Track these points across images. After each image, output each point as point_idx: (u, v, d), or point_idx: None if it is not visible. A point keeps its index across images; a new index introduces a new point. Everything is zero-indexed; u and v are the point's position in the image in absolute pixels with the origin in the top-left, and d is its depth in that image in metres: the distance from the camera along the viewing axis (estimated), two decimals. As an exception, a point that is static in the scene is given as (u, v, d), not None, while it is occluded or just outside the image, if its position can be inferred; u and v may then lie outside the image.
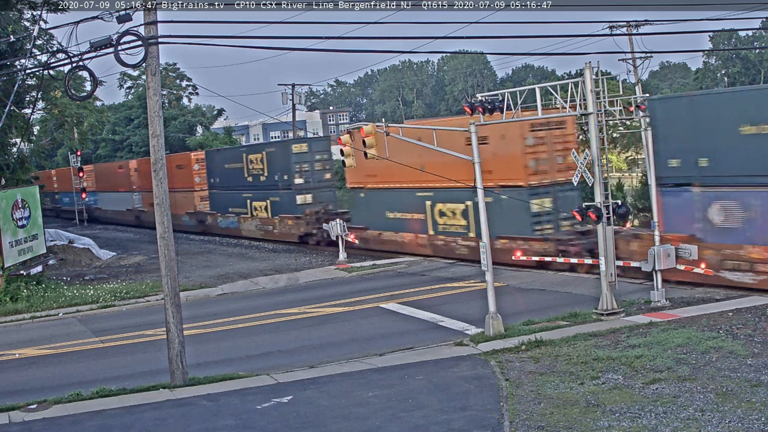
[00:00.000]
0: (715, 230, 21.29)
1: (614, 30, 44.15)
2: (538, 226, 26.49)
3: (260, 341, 20.71)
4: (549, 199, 26.51)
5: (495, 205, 25.87)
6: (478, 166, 19.42)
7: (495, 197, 26.24)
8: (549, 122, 25.71)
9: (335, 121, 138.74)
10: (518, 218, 26.73)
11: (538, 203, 26.08)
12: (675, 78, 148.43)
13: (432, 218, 30.74)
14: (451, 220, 29.88)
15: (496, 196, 26.34)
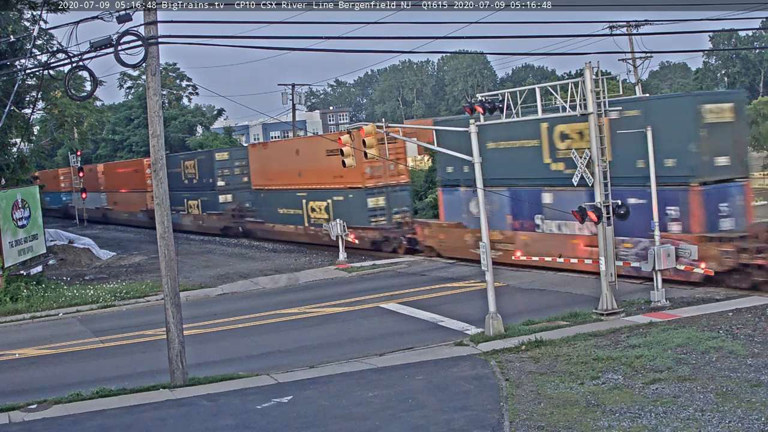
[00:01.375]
0: (473, 219, 27.68)
1: (614, 30, 44.16)
2: (374, 218, 33.54)
3: (260, 341, 20.71)
4: (383, 198, 33.57)
5: (344, 202, 34.26)
6: (478, 166, 19.43)
7: (344, 195, 34.26)
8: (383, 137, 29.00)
9: (335, 121, 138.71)
10: (359, 212, 33.68)
11: (374, 201, 33.36)
12: (675, 78, 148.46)
13: (306, 213, 37.60)
14: (318, 214, 36.76)
15: (345, 194, 34.18)
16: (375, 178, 33.12)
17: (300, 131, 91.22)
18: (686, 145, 21.98)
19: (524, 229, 27.09)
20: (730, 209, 22.21)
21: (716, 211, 22.10)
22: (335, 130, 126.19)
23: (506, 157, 27.23)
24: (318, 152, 35.48)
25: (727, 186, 22.42)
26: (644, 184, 21.34)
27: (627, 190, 21.89)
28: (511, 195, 26.93)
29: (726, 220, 22.14)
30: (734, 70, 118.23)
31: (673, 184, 22.13)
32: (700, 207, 22.03)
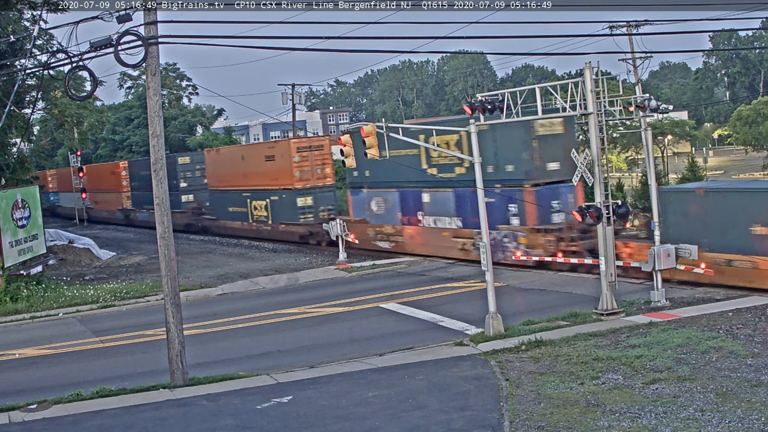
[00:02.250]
0: (374, 215, 33.64)
1: (614, 30, 44.13)
2: (302, 215, 37.85)
3: (260, 341, 20.71)
4: (311, 198, 37.83)
5: (279, 201, 38.89)
6: (478, 166, 19.42)
7: (279, 195, 38.82)
8: (310, 145, 38.47)
9: (335, 121, 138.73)
10: (291, 210, 38.13)
11: (302, 200, 37.82)
12: (675, 78, 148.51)
13: (250, 211, 41.68)
14: (259, 212, 40.85)
15: (280, 194, 38.69)
16: (304, 180, 37.62)
17: (300, 131, 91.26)
18: (521, 154, 26.30)
19: (410, 224, 31.79)
20: (561, 206, 26.53)
21: (548, 208, 26.38)
22: (335, 130, 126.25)
23: (439, 159, 30.29)
24: (259, 158, 40.70)
25: (558, 186, 26.54)
26: (493, 185, 26.21)
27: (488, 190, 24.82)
28: (400, 195, 32.19)
29: (557, 215, 26.47)
30: (734, 70, 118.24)
31: (512, 185, 26.70)
32: (533, 204, 26.28)
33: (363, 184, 34.40)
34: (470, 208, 27.53)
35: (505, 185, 26.81)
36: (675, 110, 68.69)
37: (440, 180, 29.36)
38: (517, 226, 26.88)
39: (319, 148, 38.24)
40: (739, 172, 75.18)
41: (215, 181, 45.25)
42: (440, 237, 29.92)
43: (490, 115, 20.88)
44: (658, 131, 54.66)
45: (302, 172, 37.38)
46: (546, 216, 26.29)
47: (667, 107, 22.26)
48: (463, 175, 28.04)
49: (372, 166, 32.06)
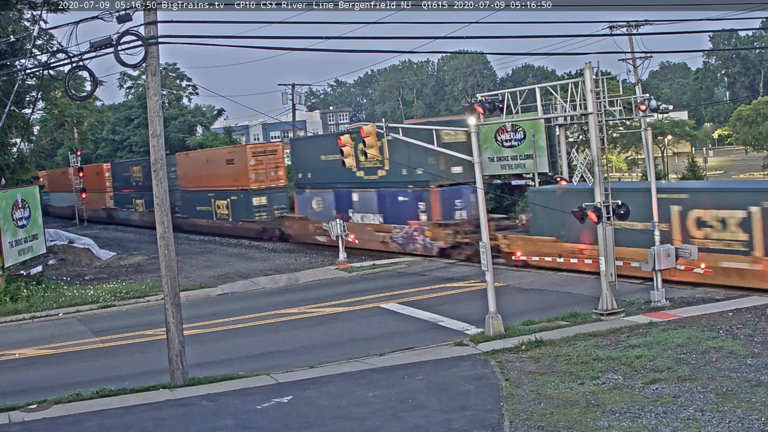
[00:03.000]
0: (314, 213, 37.74)
1: (614, 30, 44.13)
2: (258, 213, 41.57)
3: (260, 341, 20.71)
4: (265, 197, 41.38)
5: (238, 201, 42.76)
6: (478, 167, 19.44)
7: (237, 195, 42.65)
8: (265, 150, 42.43)
9: (335, 121, 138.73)
10: (247, 209, 41.85)
11: (257, 200, 41.52)
12: (675, 78, 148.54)
13: (214, 209, 45.57)
14: (222, 210, 44.81)
15: (238, 194, 42.53)
16: (259, 182, 41.15)
17: (300, 131, 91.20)
18: (428, 159, 29.76)
19: (344, 221, 34.47)
20: (462, 204, 30.78)
21: (452, 206, 30.68)
22: (335, 130, 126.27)
23: (331, 166, 34.38)
24: (221, 161, 44.42)
25: (461, 188, 30.70)
26: (406, 186, 31.27)
27: (398, 191, 31.95)
28: (335, 195, 36.05)
29: (459, 212, 30.70)
30: (734, 70, 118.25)
31: (422, 186, 30.97)
32: (438, 202, 30.59)
33: (306, 185, 38.45)
34: (388, 206, 32.91)
35: (416, 186, 31.20)
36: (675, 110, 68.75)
37: (366, 181, 33.62)
38: (425, 221, 31.12)
39: (273, 152, 42.27)
40: (739, 172, 75.17)
41: (185, 183, 48.65)
42: (366, 231, 33.86)
43: (490, 115, 20.88)
44: (658, 131, 54.66)
45: (257, 174, 41.12)
46: (449, 213, 30.80)
47: (667, 107, 22.31)
48: (384, 177, 32.53)
49: (313, 169, 37.26)
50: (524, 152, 34.44)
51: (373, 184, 33.37)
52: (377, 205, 33.65)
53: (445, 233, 30.13)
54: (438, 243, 30.34)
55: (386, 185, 32.24)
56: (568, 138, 37.01)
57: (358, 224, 34.43)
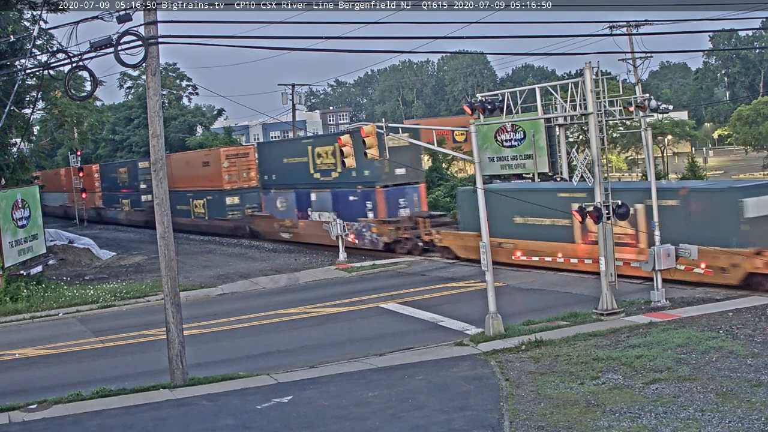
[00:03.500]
0: (279, 212, 40.41)
1: (614, 30, 44.14)
2: (231, 212, 44.55)
3: (260, 341, 20.71)
4: (238, 197, 44.30)
5: (213, 200, 45.58)
6: (478, 166, 19.43)
7: (213, 195, 45.40)
8: (238, 153, 45.80)
9: (335, 121, 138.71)
10: (221, 208, 44.95)
11: (231, 199, 44.38)
12: (675, 78, 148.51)
13: (192, 208, 48.59)
14: (199, 209, 47.88)
15: (213, 194, 45.28)
16: (232, 182, 44.11)
17: (300, 131, 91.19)
18: (372, 162, 30.56)
19: (303, 218, 38.23)
20: (406, 203, 33.70)
21: (396, 204, 33.45)
22: (335, 130, 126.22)
23: (293, 168, 38.47)
24: (199, 163, 47.39)
25: (404, 188, 33.82)
26: (356, 187, 34.26)
27: (349, 191, 34.98)
28: (296, 195, 38.92)
29: (403, 210, 33.55)
30: (734, 70, 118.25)
31: (369, 187, 33.62)
32: (383, 201, 33.25)
33: (271, 186, 41.31)
34: (341, 205, 35.60)
35: (364, 187, 33.92)
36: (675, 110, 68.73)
37: (322, 182, 36.61)
38: (372, 218, 33.71)
39: (245, 155, 45.21)
40: (739, 172, 75.15)
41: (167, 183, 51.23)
42: (322, 228, 35.86)
43: (490, 115, 20.88)
44: (658, 131, 54.66)
45: (230, 175, 44.10)
46: (393, 211, 33.38)
47: (667, 107, 22.29)
48: (337, 178, 35.46)
49: (277, 171, 40.40)
50: (524, 152, 34.44)
51: (328, 184, 36.30)
52: (332, 204, 36.29)
53: (388, 229, 32.88)
54: (383, 238, 33.12)
55: (339, 186, 35.38)
56: (568, 138, 37.06)
57: (315, 222, 37.16)
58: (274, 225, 40.72)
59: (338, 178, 35.23)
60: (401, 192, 33.75)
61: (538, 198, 26.55)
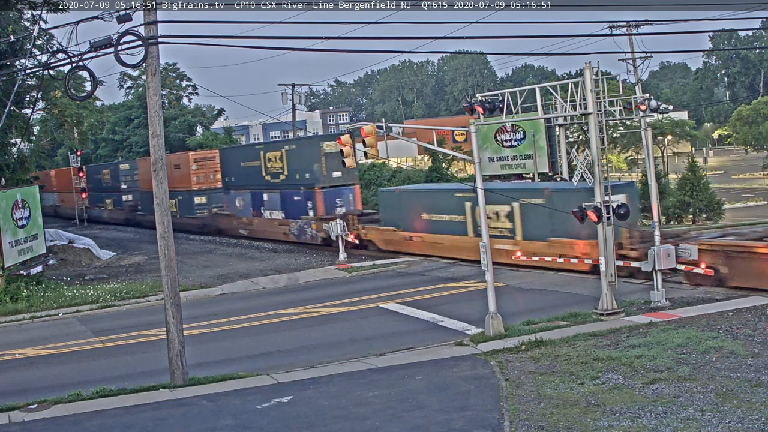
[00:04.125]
0: (238, 210, 44.06)
1: (614, 30, 44.10)
2: (199, 211, 48.30)
3: (260, 341, 20.71)
4: (205, 197, 47.71)
5: (183, 200, 48.80)
6: (478, 166, 19.43)
7: (183, 195, 48.40)
8: (205, 156, 48.98)
9: (335, 121, 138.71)
10: (190, 207, 48.55)
11: (198, 199, 48.00)
12: (675, 78, 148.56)
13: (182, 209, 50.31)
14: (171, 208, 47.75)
15: (183, 194, 48.22)
16: (200, 183, 47.82)
17: (300, 131, 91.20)
18: (313, 166, 36.58)
19: (257, 216, 41.74)
20: (342, 202, 36.93)
21: (333, 204, 36.69)
22: (335, 130, 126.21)
23: (248, 171, 42.16)
24: (171, 166, 49.28)
25: (341, 189, 37.02)
26: (299, 188, 37.90)
27: (293, 192, 38.46)
28: (251, 195, 42.33)
29: (339, 209, 36.55)
30: (734, 70, 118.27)
31: (310, 188, 37.17)
32: (321, 201, 36.54)
33: (231, 186, 44.78)
34: (287, 204, 39.26)
35: (306, 188, 37.57)
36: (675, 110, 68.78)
37: (272, 183, 40.40)
38: (312, 216, 37.04)
39: (212, 159, 48.49)
40: (739, 172, 75.14)
41: (144, 184, 54.21)
42: (273, 225, 40.55)
43: (490, 115, 20.87)
44: (658, 131, 54.68)
45: (198, 177, 47.95)
46: (331, 209, 36.45)
47: (667, 107, 22.35)
48: (284, 180, 39.35)
49: (236, 173, 43.99)
50: (524, 152, 34.46)
51: (277, 186, 40.11)
52: (280, 204, 40.05)
53: (324, 227, 35.63)
54: (320, 234, 36.02)
55: (286, 187, 39.24)
56: (568, 138, 37.05)
57: (267, 219, 41.18)
58: (234, 222, 44.51)
59: (285, 180, 39.21)
60: (338, 192, 37.15)
61: (439, 197, 31.16)
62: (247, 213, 42.87)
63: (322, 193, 36.85)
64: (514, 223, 27.42)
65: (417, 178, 49.69)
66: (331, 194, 36.90)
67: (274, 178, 40.08)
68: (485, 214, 19.33)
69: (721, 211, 40.24)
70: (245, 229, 43.17)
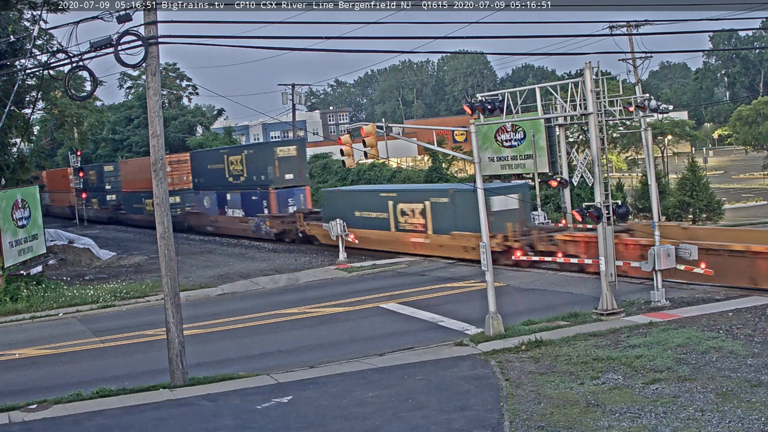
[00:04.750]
0: (206, 209, 47.63)
1: (614, 30, 44.14)
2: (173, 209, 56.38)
3: (260, 341, 20.71)
4: (178, 197, 49.94)
5: None
6: (478, 167, 19.42)
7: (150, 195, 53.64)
8: (179, 159, 51.95)
9: (335, 121, 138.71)
10: None
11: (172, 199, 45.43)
12: (675, 78, 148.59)
13: (144, 207, 54.90)
14: (149, 207, 53.43)
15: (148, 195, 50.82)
16: (174, 184, 49.52)
17: (300, 131, 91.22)
18: (268, 169, 41.10)
19: (222, 214, 45.64)
20: (293, 202, 41.26)
21: (286, 203, 41.04)
22: (335, 130, 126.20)
23: (214, 173, 46.12)
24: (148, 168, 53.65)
25: (293, 189, 41.42)
26: (256, 188, 42.06)
27: (252, 192, 42.53)
28: (217, 195, 46.02)
29: (291, 207, 40.94)
30: (734, 70, 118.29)
31: (265, 189, 41.49)
32: (275, 201, 41.07)
33: (200, 187, 48.40)
34: (247, 203, 43.25)
35: (261, 188, 41.75)
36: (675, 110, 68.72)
37: (234, 184, 44.27)
38: (267, 214, 41.47)
39: (185, 161, 51.93)
40: (739, 172, 75.12)
41: (125, 185, 59.58)
42: (235, 222, 44.32)
43: (490, 115, 20.87)
44: (658, 131, 54.69)
45: (172, 178, 49.95)
46: (283, 208, 40.91)
47: (667, 107, 22.34)
48: (244, 181, 43.30)
49: (203, 175, 47.67)
50: (524, 152, 34.44)
51: (238, 186, 44.08)
52: (240, 203, 44.16)
53: (277, 223, 40.69)
54: (273, 230, 40.72)
55: (246, 188, 43.31)
56: (568, 138, 37.04)
57: (231, 217, 44.98)
58: (203, 220, 48.31)
59: (244, 182, 43.34)
60: (290, 193, 41.53)
61: (367, 197, 35.57)
62: (214, 211, 46.88)
63: (275, 194, 41.27)
64: (426, 219, 31.33)
65: (417, 178, 49.71)
66: (283, 194, 41.29)
67: (236, 179, 44.19)
68: (485, 214, 19.30)
69: (721, 211, 40.22)
70: (212, 226, 47.00)
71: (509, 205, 28.09)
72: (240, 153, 44.41)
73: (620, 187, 39.79)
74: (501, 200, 28.15)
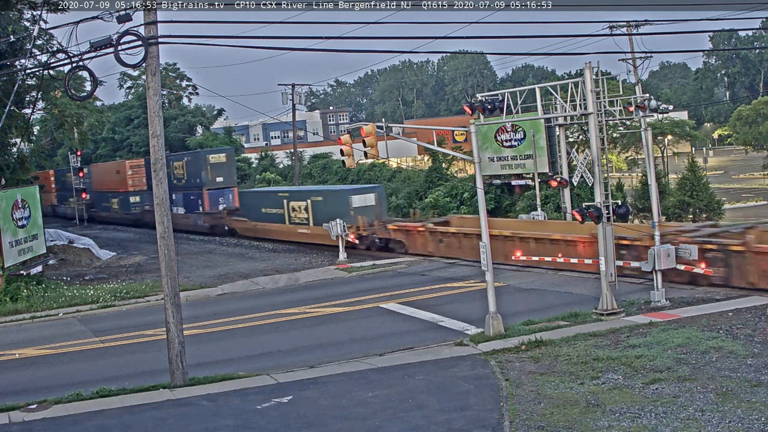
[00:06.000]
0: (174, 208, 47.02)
1: (614, 30, 44.10)
2: (133, 208, 58.06)
3: (260, 341, 20.71)
4: (138, 197, 56.46)
5: (122, 199, 59.63)
6: (478, 166, 19.42)
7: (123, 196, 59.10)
8: (139, 164, 58.21)
9: (335, 121, 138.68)
10: (127, 204, 58.66)
11: (134, 198, 57.59)
12: (675, 78, 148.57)
13: (112, 205, 61.62)
14: (115, 206, 61.96)
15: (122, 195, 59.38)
16: (134, 186, 57.63)
17: (300, 131, 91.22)
18: (201, 173, 48.31)
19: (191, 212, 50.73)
20: (224, 201, 48.04)
21: (217, 202, 48.01)
22: (335, 130, 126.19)
23: (177, 175, 51.06)
24: (113, 171, 62.08)
25: (223, 190, 48.33)
26: (200, 189, 48.77)
27: (191, 192, 49.92)
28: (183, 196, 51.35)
29: (222, 206, 47.64)
30: (734, 70, 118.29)
31: (200, 189, 48.48)
32: (207, 200, 48.20)
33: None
34: (187, 201, 50.65)
35: (198, 189, 48.85)
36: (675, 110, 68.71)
37: (178, 185, 50.33)
38: (201, 211, 48.51)
39: (143, 166, 57.09)
40: (738, 172, 75.11)
41: (97, 186, 65.76)
42: (179, 218, 49.28)
43: (490, 115, 20.88)
44: (658, 131, 54.65)
45: (133, 180, 57.81)
46: (215, 206, 47.87)
47: (667, 107, 22.36)
48: (185, 183, 50.51)
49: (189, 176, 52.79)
50: (524, 152, 34.46)
51: (181, 188, 50.77)
52: (183, 201, 51.05)
53: (209, 218, 47.85)
54: (206, 224, 48.02)
55: (186, 189, 50.56)
56: (568, 138, 37.04)
57: (176, 214, 49.63)
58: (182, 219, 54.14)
59: (185, 183, 50.75)
60: (220, 193, 48.64)
61: (270, 196, 42.12)
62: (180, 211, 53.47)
63: (208, 194, 48.64)
64: (309, 214, 37.32)
65: (417, 178, 49.72)
66: (215, 194, 48.57)
67: (179, 181, 51.02)
68: (485, 214, 19.30)
69: (721, 211, 40.19)
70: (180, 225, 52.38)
71: (367, 202, 35.01)
72: (182, 159, 52.03)
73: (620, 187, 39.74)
74: (360, 198, 35.08)
